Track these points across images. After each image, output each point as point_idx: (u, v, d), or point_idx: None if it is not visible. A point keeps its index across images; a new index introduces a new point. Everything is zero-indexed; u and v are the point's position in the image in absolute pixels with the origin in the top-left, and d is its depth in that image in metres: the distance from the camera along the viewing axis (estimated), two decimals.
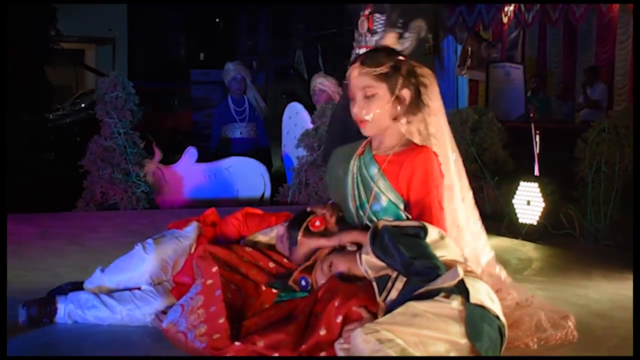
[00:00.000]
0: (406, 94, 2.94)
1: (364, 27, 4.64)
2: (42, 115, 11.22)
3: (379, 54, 3.01)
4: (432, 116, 3.05)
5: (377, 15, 4.68)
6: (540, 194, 5.07)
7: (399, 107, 2.94)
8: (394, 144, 3.00)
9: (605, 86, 10.43)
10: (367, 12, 4.62)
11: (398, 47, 4.68)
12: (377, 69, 2.91)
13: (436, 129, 3.06)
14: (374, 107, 2.93)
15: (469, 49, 11.71)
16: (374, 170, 2.99)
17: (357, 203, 3.01)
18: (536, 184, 5.10)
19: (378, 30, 4.71)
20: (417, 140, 3.02)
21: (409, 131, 3.01)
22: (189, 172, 6.88)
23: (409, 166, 2.92)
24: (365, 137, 3.08)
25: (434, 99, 3.05)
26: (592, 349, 2.85)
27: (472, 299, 2.39)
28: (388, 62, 2.94)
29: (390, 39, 4.58)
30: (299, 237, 2.94)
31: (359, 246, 2.77)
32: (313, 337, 2.51)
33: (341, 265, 2.76)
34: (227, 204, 6.15)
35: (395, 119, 2.96)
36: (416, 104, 2.99)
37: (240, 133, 7.97)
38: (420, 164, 2.91)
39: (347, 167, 3.07)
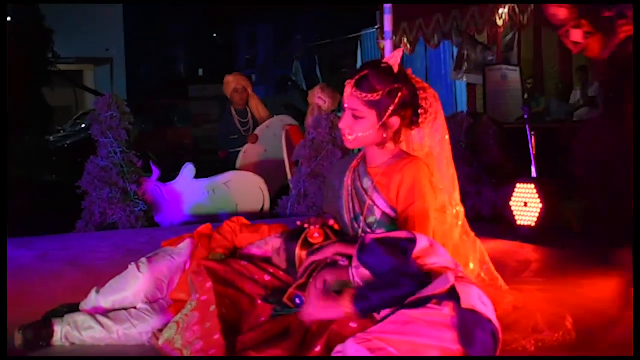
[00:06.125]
0: (395, 121, 2.89)
1: None
2: (43, 138, 11.24)
3: (377, 78, 2.85)
4: (427, 138, 3.06)
5: None
6: (537, 195, 5.06)
7: (384, 134, 2.90)
8: (385, 158, 2.97)
9: (598, 84, 10.50)
10: None
11: None
12: (369, 95, 2.83)
13: (430, 150, 3.07)
14: (358, 130, 2.89)
15: (465, 53, 11.68)
16: (368, 183, 2.97)
17: (352, 215, 3.00)
18: (532, 185, 5.10)
19: None
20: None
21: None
22: (187, 189, 6.83)
23: (398, 175, 2.90)
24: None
25: (432, 123, 3.02)
26: (589, 349, 2.84)
27: (464, 304, 2.37)
28: (383, 89, 2.83)
29: None
30: (297, 250, 2.94)
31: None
32: (309, 354, 2.51)
33: (334, 282, 2.74)
34: (227, 219, 6.17)
35: (380, 143, 2.94)
36: (409, 127, 2.98)
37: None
38: (408, 173, 2.89)
39: (342, 180, 3.06)
